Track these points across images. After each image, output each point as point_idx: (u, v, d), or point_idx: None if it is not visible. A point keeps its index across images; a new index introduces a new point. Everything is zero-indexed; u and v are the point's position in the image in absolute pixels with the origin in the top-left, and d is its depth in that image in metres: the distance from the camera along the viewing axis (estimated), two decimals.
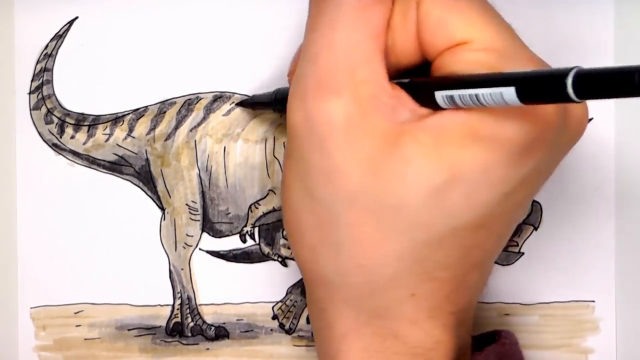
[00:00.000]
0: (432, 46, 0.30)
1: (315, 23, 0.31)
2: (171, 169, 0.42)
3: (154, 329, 0.42)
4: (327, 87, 0.30)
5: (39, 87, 0.41)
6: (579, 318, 0.41)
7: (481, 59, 0.29)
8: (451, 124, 0.29)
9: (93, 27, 0.41)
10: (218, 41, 0.41)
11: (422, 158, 0.29)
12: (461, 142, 0.29)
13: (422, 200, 0.29)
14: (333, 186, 0.30)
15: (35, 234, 0.42)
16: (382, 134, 0.29)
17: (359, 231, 0.30)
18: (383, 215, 0.30)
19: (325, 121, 0.30)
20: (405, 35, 0.31)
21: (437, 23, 0.30)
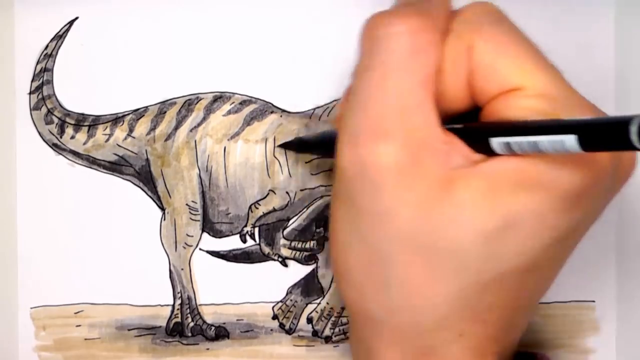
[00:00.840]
0: (483, 92, 0.31)
1: (366, 66, 0.31)
2: (171, 169, 0.42)
3: (154, 329, 0.42)
4: (378, 132, 0.30)
5: (39, 88, 0.41)
6: (579, 318, 0.41)
7: (534, 105, 0.29)
8: (505, 170, 0.29)
9: (93, 27, 0.41)
10: (218, 41, 0.41)
11: (475, 204, 0.29)
12: (515, 189, 0.29)
13: (474, 245, 0.29)
14: (384, 229, 0.30)
15: (35, 234, 0.42)
16: (435, 180, 0.30)
17: (409, 272, 0.30)
18: (434, 258, 0.30)
19: (377, 165, 0.30)
20: (455, 80, 0.31)
21: (489, 69, 0.30)
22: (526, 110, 0.29)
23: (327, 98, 0.41)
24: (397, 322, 0.31)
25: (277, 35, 0.41)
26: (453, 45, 0.31)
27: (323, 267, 0.42)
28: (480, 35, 0.30)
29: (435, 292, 0.30)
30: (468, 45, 0.31)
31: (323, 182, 0.41)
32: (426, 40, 0.30)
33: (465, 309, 0.31)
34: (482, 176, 0.29)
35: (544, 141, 0.27)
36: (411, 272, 0.30)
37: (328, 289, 0.42)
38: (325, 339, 0.42)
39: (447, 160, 0.30)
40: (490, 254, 0.29)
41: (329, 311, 0.42)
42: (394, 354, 0.32)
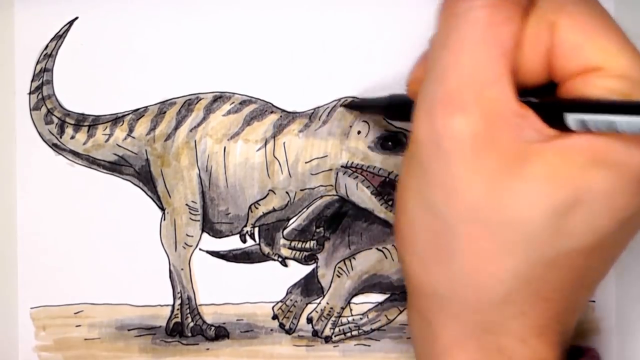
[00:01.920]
0: (563, 69, 0.31)
1: (444, 39, 0.31)
2: (171, 169, 0.42)
3: (154, 329, 0.42)
4: (455, 104, 0.30)
5: (39, 88, 0.41)
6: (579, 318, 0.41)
7: (614, 85, 0.29)
8: (579, 147, 0.29)
9: (93, 27, 0.41)
10: (218, 41, 0.41)
11: (546, 178, 0.29)
12: (588, 166, 0.29)
13: (542, 219, 0.29)
14: (453, 200, 0.30)
15: (35, 234, 0.42)
16: (508, 152, 0.30)
17: (475, 246, 0.30)
18: (501, 232, 0.30)
19: (452, 136, 0.30)
20: (534, 55, 0.31)
21: (571, 47, 0.30)
22: (605, 90, 0.29)
23: (327, 98, 0.41)
24: (459, 296, 0.31)
25: (277, 35, 0.41)
26: (535, 20, 0.31)
27: (323, 267, 0.42)
28: (564, 13, 0.31)
29: (501, 268, 0.30)
30: (551, 22, 0.31)
31: (323, 182, 0.41)
32: (505, 15, 0.30)
33: (530, 286, 0.31)
34: (555, 151, 0.30)
35: (622, 121, 0.27)
36: (477, 246, 0.30)
37: (328, 288, 0.42)
38: (325, 339, 0.42)
39: (521, 134, 0.30)
40: (558, 231, 0.30)
41: (329, 311, 0.42)
42: (455, 328, 0.32)
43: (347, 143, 0.41)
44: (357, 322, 0.42)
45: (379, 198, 0.41)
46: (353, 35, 0.41)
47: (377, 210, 0.41)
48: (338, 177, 0.41)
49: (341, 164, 0.41)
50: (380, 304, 0.42)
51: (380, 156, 0.41)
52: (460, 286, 0.31)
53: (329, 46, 0.41)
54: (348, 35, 0.41)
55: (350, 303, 0.42)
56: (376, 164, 0.41)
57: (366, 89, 0.41)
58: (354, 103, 0.40)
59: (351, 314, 0.42)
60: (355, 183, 0.41)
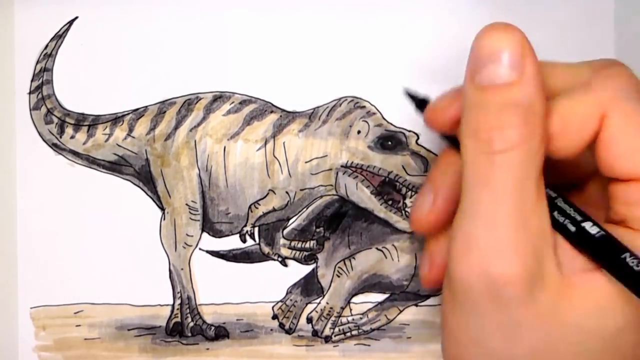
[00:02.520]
0: (613, 170, 0.30)
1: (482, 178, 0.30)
2: (171, 169, 0.42)
3: (154, 329, 0.42)
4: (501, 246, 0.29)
5: (39, 87, 0.41)
6: None
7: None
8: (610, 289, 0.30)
9: (93, 27, 0.41)
10: (218, 41, 0.41)
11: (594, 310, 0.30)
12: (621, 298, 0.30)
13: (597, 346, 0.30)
14: (514, 343, 0.30)
15: (35, 234, 0.42)
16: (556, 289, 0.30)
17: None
18: None
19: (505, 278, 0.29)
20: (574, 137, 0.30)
21: (626, 150, 0.29)
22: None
23: (327, 98, 0.41)
24: None
25: (277, 35, 0.41)
26: (585, 104, 0.30)
27: (323, 267, 0.42)
28: (619, 108, 0.29)
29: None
30: (600, 112, 0.29)
31: (323, 182, 0.41)
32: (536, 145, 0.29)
33: None
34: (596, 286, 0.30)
35: None
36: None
37: (328, 288, 0.42)
38: (325, 339, 0.42)
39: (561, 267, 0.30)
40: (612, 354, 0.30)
41: (328, 311, 0.42)
42: None
43: (347, 143, 0.41)
44: (357, 322, 0.42)
45: (378, 198, 0.41)
46: (353, 35, 0.41)
47: (377, 210, 0.41)
48: (338, 177, 0.41)
49: (341, 163, 0.41)
50: (380, 304, 0.42)
51: (380, 156, 0.41)
52: None
53: (329, 46, 0.41)
54: (348, 35, 0.41)
55: (350, 303, 0.42)
56: (376, 164, 0.41)
57: None
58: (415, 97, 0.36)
59: (351, 314, 0.42)
60: (355, 183, 0.41)
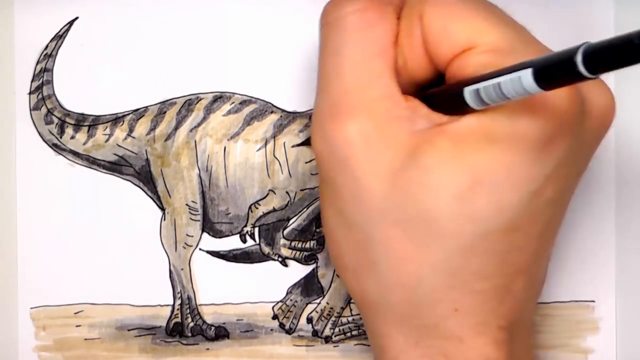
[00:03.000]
0: (439, 56, 0.31)
1: (324, 50, 0.32)
2: (171, 169, 0.42)
3: (154, 329, 0.42)
4: (341, 110, 0.30)
5: (39, 88, 0.41)
6: (579, 318, 0.41)
7: (487, 60, 0.29)
8: (467, 128, 0.29)
9: (93, 27, 0.41)
10: (218, 41, 0.41)
11: (442, 165, 0.29)
12: (479, 145, 0.29)
13: (448, 208, 0.29)
14: (361, 205, 0.30)
15: (35, 234, 0.42)
16: (401, 146, 0.30)
17: (392, 247, 0.30)
18: (413, 228, 0.30)
19: (344, 143, 0.30)
20: (414, 51, 0.31)
21: (439, 32, 0.30)
22: (481, 67, 0.29)
23: None
24: (392, 302, 0.31)
25: (277, 35, 0.41)
26: (406, 15, 0.31)
27: (323, 267, 0.42)
28: (428, 1, 0.31)
29: (419, 264, 0.30)
30: (419, 14, 0.31)
31: None
32: (376, 15, 0.31)
33: (454, 279, 0.30)
34: (446, 136, 0.29)
35: (506, 81, 0.27)
36: (393, 247, 0.30)
37: (328, 288, 0.42)
38: (325, 339, 0.42)
39: (411, 125, 0.30)
40: (467, 216, 0.29)
41: (329, 311, 0.42)
42: (397, 336, 0.31)
43: None
44: (357, 322, 0.42)
45: None
46: None
47: None
48: None
49: None
50: None
51: None
52: (389, 291, 0.31)
53: None
54: None
55: (350, 303, 0.42)
56: None
57: None
58: None
59: (351, 314, 0.42)
60: None
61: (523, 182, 0.29)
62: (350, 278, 0.32)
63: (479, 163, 0.29)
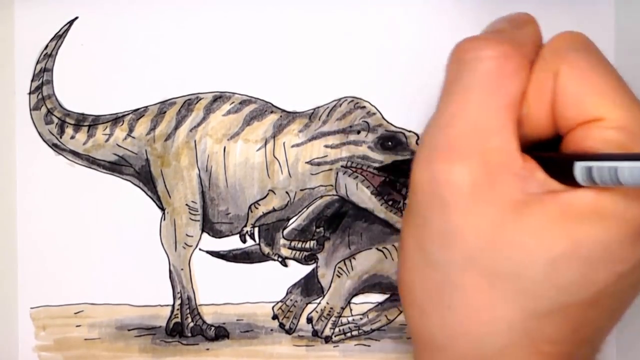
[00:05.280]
0: (565, 119, 0.31)
1: (451, 87, 0.31)
2: (171, 169, 0.42)
3: (154, 329, 0.42)
4: (455, 151, 0.30)
5: (39, 87, 0.41)
6: None
7: (612, 137, 0.29)
8: (580, 200, 0.29)
9: (93, 27, 0.41)
10: (218, 41, 0.41)
11: (544, 229, 0.29)
12: (586, 218, 0.29)
13: (539, 271, 0.29)
14: (450, 249, 0.30)
15: (35, 234, 0.42)
16: (508, 203, 0.30)
17: (471, 296, 0.30)
18: (498, 282, 0.30)
19: (450, 184, 0.30)
20: (540, 106, 0.31)
21: (572, 96, 0.30)
22: (605, 142, 0.29)
23: (327, 98, 0.41)
24: (456, 347, 0.31)
25: (277, 35, 0.41)
26: (539, 71, 0.31)
27: (323, 267, 0.42)
28: (565, 61, 0.31)
29: (497, 318, 0.30)
30: (554, 72, 0.31)
31: (323, 182, 0.41)
32: (514, 66, 0.30)
33: (525, 339, 0.30)
34: (557, 202, 0.29)
35: (624, 167, 0.27)
36: (474, 296, 0.30)
37: (328, 288, 0.42)
38: (325, 339, 0.42)
39: (524, 185, 0.30)
40: (555, 282, 0.29)
41: (329, 311, 0.42)
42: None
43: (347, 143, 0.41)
44: (357, 322, 0.42)
45: (379, 198, 0.41)
46: (353, 35, 0.41)
47: (377, 210, 0.41)
48: (338, 177, 0.41)
49: (341, 164, 0.41)
50: (380, 304, 0.42)
51: (380, 156, 0.41)
52: (457, 337, 0.31)
53: (329, 46, 0.41)
54: (348, 35, 0.41)
55: (350, 303, 0.42)
56: (376, 164, 0.41)
57: None
58: None
59: (351, 314, 0.42)
60: (355, 183, 0.41)
61: (616, 262, 0.30)
62: (415, 315, 0.32)
63: (580, 235, 0.29)
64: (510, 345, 0.30)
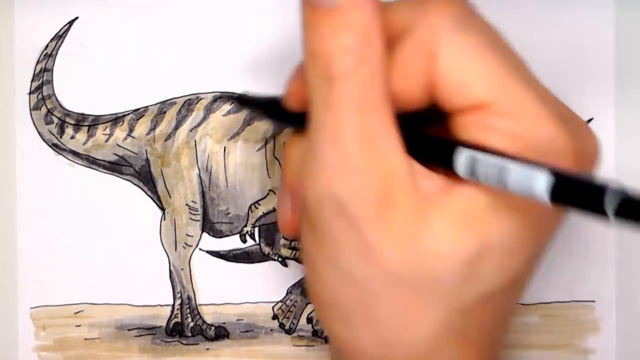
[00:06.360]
0: (450, 104, 0.29)
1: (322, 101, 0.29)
2: (171, 169, 0.42)
3: (154, 329, 0.42)
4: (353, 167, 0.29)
5: (39, 87, 0.41)
6: (579, 318, 0.41)
7: (499, 124, 0.28)
8: (476, 195, 0.28)
9: (93, 27, 0.41)
10: (218, 41, 0.41)
11: (450, 232, 0.29)
12: (489, 212, 0.28)
13: (457, 273, 0.29)
14: (368, 264, 0.30)
15: (35, 234, 0.42)
16: (410, 208, 0.29)
17: (397, 306, 0.30)
18: (420, 289, 0.30)
19: (354, 199, 0.29)
20: (411, 85, 0.29)
21: (455, 82, 0.28)
22: (491, 131, 0.28)
23: None
24: (392, 355, 0.31)
25: (277, 35, 0.41)
26: (411, 49, 0.29)
27: None
28: (444, 42, 0.28)
29: (424, 324, 0.30)
30: (429, 52, 0.29)
31: None
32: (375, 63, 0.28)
33: (455, 335, 0.30)
34: (455, 203, 0.29)
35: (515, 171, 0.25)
36: (399, 307, 0.30)
37: None
38: (325, 339, 0.42)
39: (418, 186, 0.29)
40: (473, 279, 0.29)
41: None
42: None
43: None
44: None
45: None
46: None
47: None
48: None
49: None
50: None
51: None
52: (388, 347, 0.31)
53: None
54: None
55: None
56: None
57: None
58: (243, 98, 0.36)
59: None
60: None
61: (529, 246, 0.29)
62: (340, 329, 0.32)
63: (489, 230, 0.29)
64: (442, 343, 0.30)
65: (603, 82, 0.41)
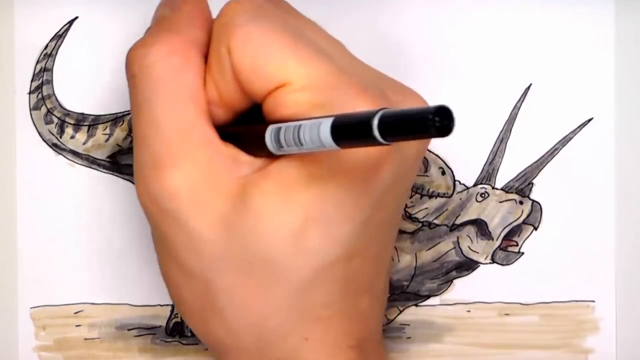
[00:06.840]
0: (253, 92, 0.30)
1: (134, 102, 0.31)
2: None
3: (154, 329, 0.42)
4: (162, 162, 0.30)
5: (38, 87, 0.41)
6: (579, 318, 0.41)
7: (302, 98, 0.29)
8: (290, 168, 0.29)
9: (93, 27, 0.41)
10: None
11: (272, 208, 0.29)
12: (304, 184, 0.29)
13: (285, 247, 0.29)
14: (198, 256, 0.30)
15: (35, 234, 0.42)
16: (228, 192, 0.30)
17: (236, 292, 0.30)
18: (253, 271, 0.30)
19: (170, 195, 0.30)
20: (227, 85, 0.31)
21: (249, 70, 0.30)
22: (294, 105, 0.29)
23: None
24: (244, 343, 0.31)
25: None
26: (215, 49, 0.31)
27: None
28: (235, 36, 0.30)
29: (264, 304, 0.30)
30: (227, 48, 0.30)
31: None
32: (181, 60, 0.30)
33: (298, 311, 0.30)
34: (270, 178, 0.29)
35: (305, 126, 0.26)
36: (237, 292, 0.30)
37: None
38: None
39: (235, 170, 0.30)
40: (303, 252, 0.29)
41: None
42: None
43: None
44: None
45: None
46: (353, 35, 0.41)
47: None
48: None
49: None
50: None
51: None
52: (240, 333, 0.31)
53: None
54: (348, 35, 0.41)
55: None
56: None
57: None
58: None
59: None
60: None
61: (354, 213, 0.29)
62: (197, 323, 0.33)
63: (307, 201, 0.29)
64: (288, 322, 0.30)
65: (603, 82, 0.41)
